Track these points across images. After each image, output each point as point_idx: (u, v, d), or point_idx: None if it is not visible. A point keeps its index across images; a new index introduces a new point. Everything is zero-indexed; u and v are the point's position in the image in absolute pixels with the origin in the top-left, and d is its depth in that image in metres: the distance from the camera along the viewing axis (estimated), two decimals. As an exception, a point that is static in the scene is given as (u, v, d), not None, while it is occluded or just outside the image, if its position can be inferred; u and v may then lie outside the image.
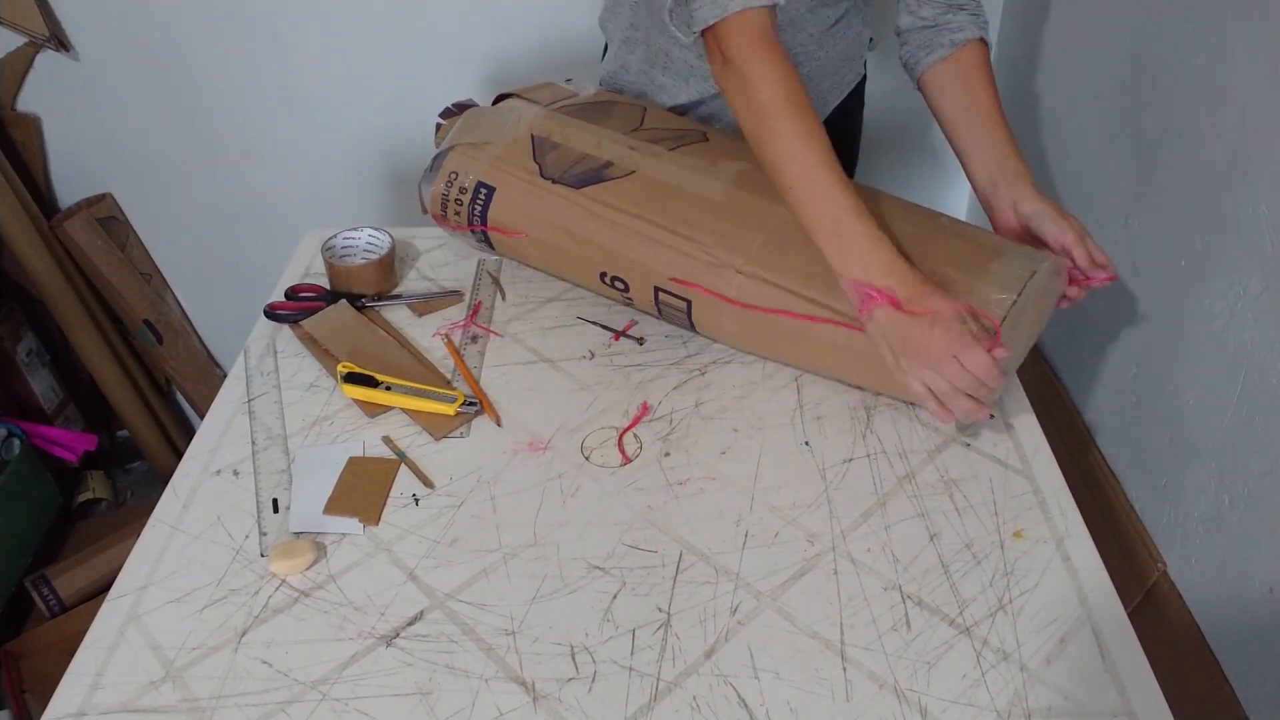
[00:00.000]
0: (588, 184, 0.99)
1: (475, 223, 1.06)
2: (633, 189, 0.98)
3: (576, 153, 1.02)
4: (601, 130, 1.04)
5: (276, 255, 1.25)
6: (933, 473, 0.86)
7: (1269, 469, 0.95)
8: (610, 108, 1.10)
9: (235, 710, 0.69)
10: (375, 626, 0.74)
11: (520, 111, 1.09)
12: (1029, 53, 1.54)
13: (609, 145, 1.02)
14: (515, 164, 1.04)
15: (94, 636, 0.74)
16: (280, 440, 0.92)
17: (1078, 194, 1.39)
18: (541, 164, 1.02)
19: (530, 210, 1.02)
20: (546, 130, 1.05)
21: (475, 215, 1.06)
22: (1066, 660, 0.70)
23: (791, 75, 0.87)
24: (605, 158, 1.01)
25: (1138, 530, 1.19)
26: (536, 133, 1.05)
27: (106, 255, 1.77)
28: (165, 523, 0.84)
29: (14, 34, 1.57)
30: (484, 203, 1.04)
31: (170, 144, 1.74)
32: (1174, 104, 1.11)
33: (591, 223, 0.99)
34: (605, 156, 1.01)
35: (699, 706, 0.68)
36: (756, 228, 0.92)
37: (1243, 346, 0.98)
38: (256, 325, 1.07)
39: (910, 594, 0.76)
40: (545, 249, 1.05)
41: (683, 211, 0.95)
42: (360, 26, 1.60)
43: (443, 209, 1.08)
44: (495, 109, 1.12)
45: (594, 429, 0.92)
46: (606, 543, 0.80)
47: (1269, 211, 0.94)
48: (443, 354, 1.02)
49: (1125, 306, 1.24)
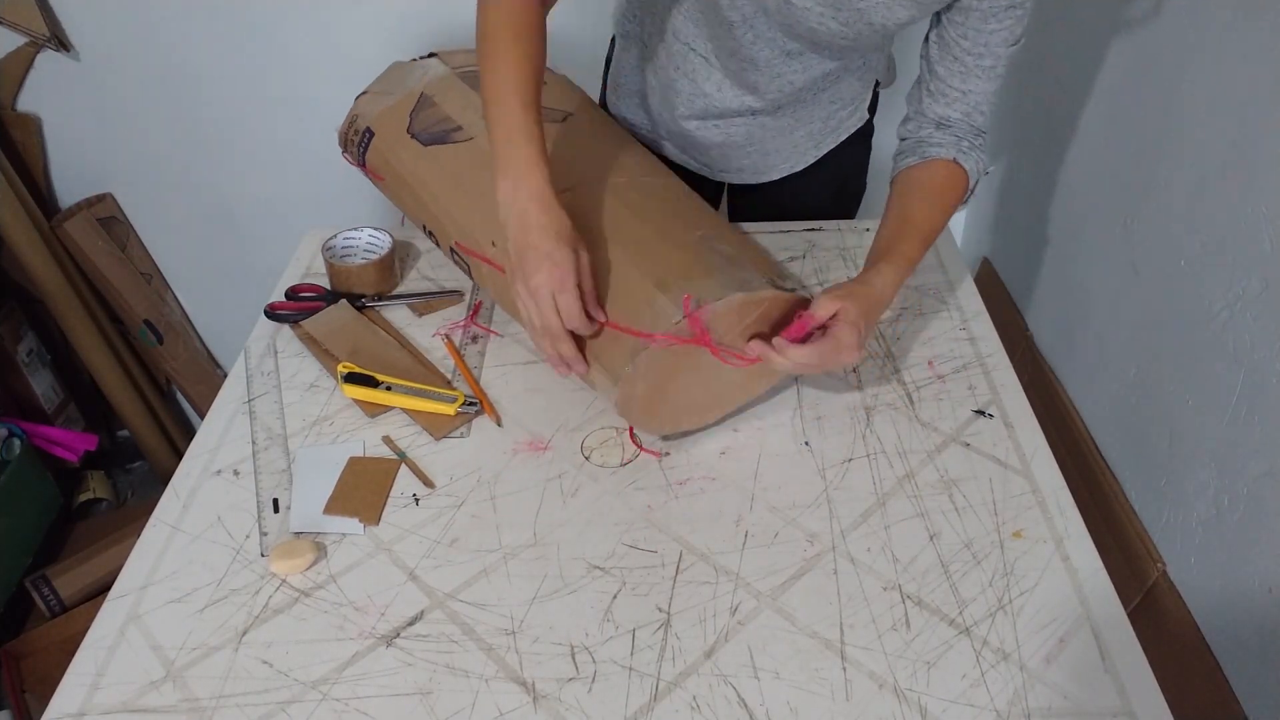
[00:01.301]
0: (434, 143, 1.03)
1: (359, 163, 1.12)
2: (461, 154, 1.01)
3: (442, 113, 1.05)
4: (471, 95, 1.07)
5: (276, 255, 1.25)
6: (932, 473, 0.86)
7: (1269, 469, 0.95)
8: None
9: (235, 710, 0.69)
10: (375, 626, 0.74)
11: (428, 70, 1.13)
12: (1029, 53, 1.54)
13: (470, 113, 1.05)
14: (396, 115, 1.07)
15: (94, 636, 0.74)
16: (280, 440, 0.92)
17: (1078, 194, 1.39)
18: (413, 119, 1.06)
19: (389, 158, 1.07)
20: (434, 90, 1.09)
21: (360, 156, 1.11)
22: (1066, 660, 0.70)
23: (525, 9, 0.86)
24: (459, 122, 1.04)
25: (1137, 530, 1.19)
26: (426, 91, 1.08)
27: (106, 255, 1.77)
28: (165, 523, 0.84)
29: (14, 34, 1.57)
30: (365, 146, 1.09)
31: (170, 144, 1.74)
32: (1174, 104, 1.11)
33: (424, 178, 1.03)
34: (459, 121, 1.04)
35: (699, 706, 0.68)
36: None
37: (1243, 346, 0.99)
38: (257, 325, 1.07)
39: (910, 594, 0.76)
40: (397, 196, 1.10)
41: (482, 182, 0.97)
42: (360, 26, 1.60)
43: (344, 146, 1.14)
44: (411, 64, 1.15)
45: (594, 429, 0.92)
46: (606, 543, 0.80)
47: (1269, 211, 0.94)
48: (443, 354, 1.02)
49: (1125, 306, 1.24)
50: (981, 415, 0.92)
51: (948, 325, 1.04)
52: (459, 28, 1.61)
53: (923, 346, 1.01)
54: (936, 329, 1.04)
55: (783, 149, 1.15)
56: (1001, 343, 1.02)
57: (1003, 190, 1.71)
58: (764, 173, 1.18)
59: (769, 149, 1.14)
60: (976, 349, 1.01)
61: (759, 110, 1.06)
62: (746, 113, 1.07)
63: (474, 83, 1.10)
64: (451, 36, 1.62)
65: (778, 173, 1.19)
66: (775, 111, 1.07)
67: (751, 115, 1.07)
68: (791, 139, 1.13)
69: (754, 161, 1.16)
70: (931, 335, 1.03)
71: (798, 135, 1.13)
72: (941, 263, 1.14)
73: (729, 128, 1.09)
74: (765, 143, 1.12)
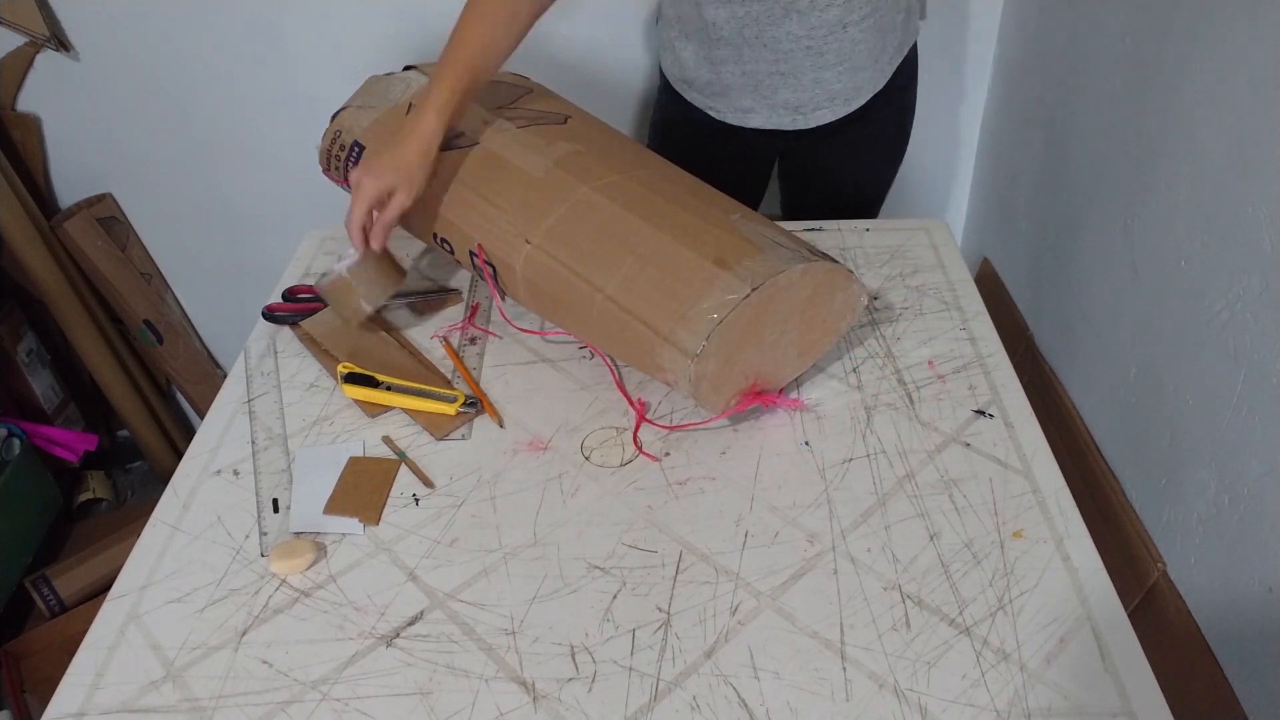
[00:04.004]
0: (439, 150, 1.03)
1: (344, 179, 1.10)
2: (468, 159, 1.02)
3: None
4: (473, 106, 1.07)
5: (276, 255, 1.25)
6: (932, 473, 0.86)
7: (1269, 469, 0.95)
8: (498, 86, 1.14)
9: (235, 710, 0.69)
10: (375, 626, 0.74)
11: (410, 82, 1.12)
12: (1029, 53, 1.54)
13: (470, 119, 1.05)
14: (387, 127, 1.07)
15: (94, 636, 0.75)
16: (280, 440, 0.92)
17: (1078, 194, 1.39)
18: None
19: None
20: None
21: (346, 172, 1.10)
22: (1066, 660, 0.70)
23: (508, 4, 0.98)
24: (460, 129, 1.04)
25: (1138, 530, 1.19)
26: (415, 101, 1.08)
27: (106, 255, 1.77)
28: (165, 523, 0.84)
29: (14, 34, 1.57)
30: (355, 160, 1.08)
31: (170, 144, 1.74)
32: (1174, 104, 1.11)
33: (429, 187, 1.02)
34: (460, 127, 1.04)
35: (699, 706, 0.68)
36: (558, 203, 0.95)
37: (1243, 346, 0.99)
38: (257, 325, 1.07)
39: (910, 594, 0.76)
40: None
41: (500, 183, 0.98)
42: (361, 27, 1.60)
43: (327, 163, 1.12)
44: (392, 77, 1.15)
45: (594, 429, 0.92)
46: (606, 543, 0.80)
47: (1269, 211, 0.94)
48: (443, 353, 1.02)
49: (1125, 306, 1.24)
50: (982, 415, 0.92)
51: (948, 325, 1.04)
52: (459, 28, 1.61)
53: (923, 346, 1.01)
54: (936, 329, 1.04)
55: (868, 50, 1.18)
56: (1001, 343, 1.02)
57: (1003, 190, 1.71)
58: (853, 98, 1.22)
59: (853, 52, 1.17)
60: (976, 349, 1.01)
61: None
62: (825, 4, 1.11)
63: None
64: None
65: (863, 95, 1.22)
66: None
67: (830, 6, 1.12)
68: (875, 35, 1.17)
69: (843, 82, 1.20)
70: (931, 335, 1.03)
71: (877, 26, 1.17)
72: (941, 263, 1.14)
73: (814, 19, 1.13)
74: (847, 45, 1.16)
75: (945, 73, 1.71)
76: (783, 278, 0.84)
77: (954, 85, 1.73)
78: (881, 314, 1.05)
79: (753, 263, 0.85)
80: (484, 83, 0.99)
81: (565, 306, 0.94)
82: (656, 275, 0.87)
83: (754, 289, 0.82)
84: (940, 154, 1.81)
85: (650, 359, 0.88)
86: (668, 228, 0.89)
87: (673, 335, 0.84)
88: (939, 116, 1.76)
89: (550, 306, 0.96)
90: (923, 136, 1.77)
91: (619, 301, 0.88)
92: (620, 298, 0.88)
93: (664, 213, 0.92)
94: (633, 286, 0.88)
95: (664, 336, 0.85)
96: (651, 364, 0.88)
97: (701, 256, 0.86)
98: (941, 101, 1.74)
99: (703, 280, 0.84)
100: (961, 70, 1.71)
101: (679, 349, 0.84)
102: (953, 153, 1.82)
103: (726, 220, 0.92)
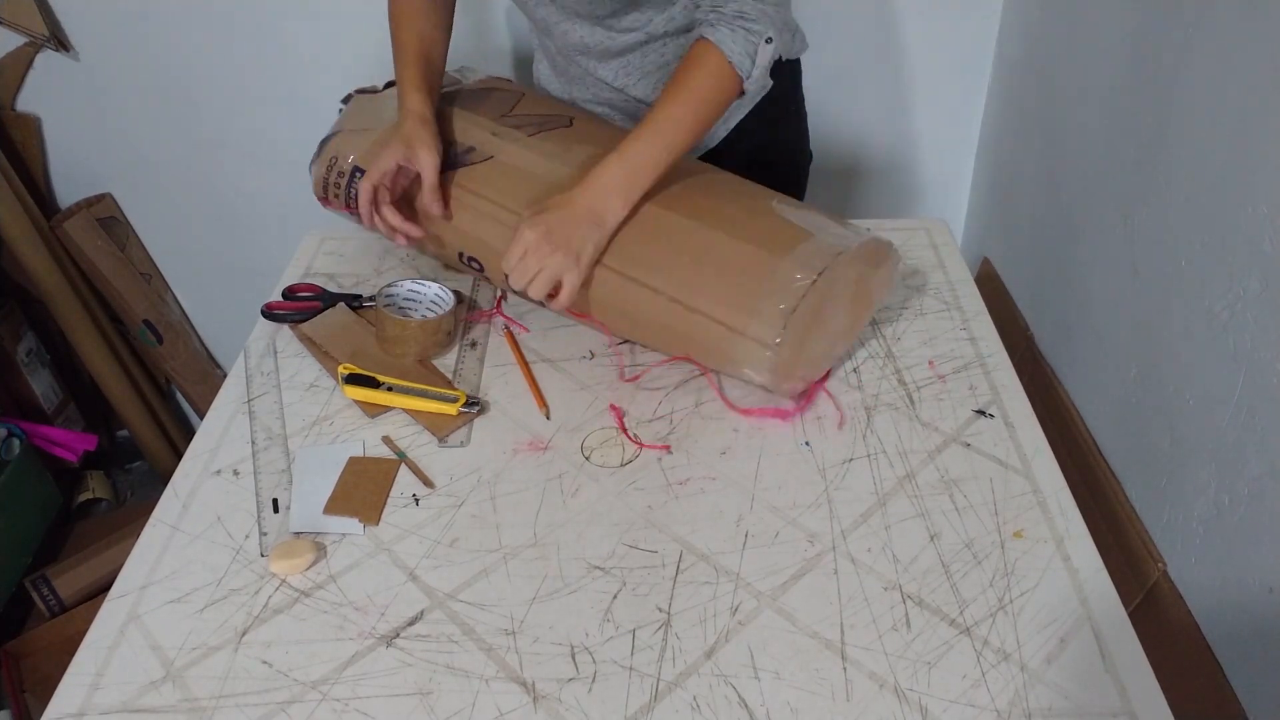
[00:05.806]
0: (450, 168, 1.02)
1: (350, 204, 1.08)
2: (490, 173, 1.01)
3: (447, 137, 1.05)
4: (471, 116, 1.07)
5: (276, 255, 1.25)
6: (933, 473, 0.86)
7: (1269, 469, 0.95)
8: (487, 94, 1.13)
9: (235, 710, 0.69)
10: (375, 626, 0.74)
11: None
12: (1029, 53, 1.54)
13: (474, 131, 1.05)
14: None
15: (94, 636, 0.74)
16: (280, 440, 0.92)
17: (1078, 194, 1.39)
18: None
19: (396, 192, 1.04)
20: None
21: (351, 197, 1.07)
22: (1066, 660, 0.70)
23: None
24: (469, 143, 1.04)
25: (1138, 530, 1.19)
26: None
27: (106, 255, 1.77)
28: (165, 523, 0.84)
29: (14, 34, 1.57)
30: (356, 185, 1.06)
31: (170, 144, 1.74)
32: (1174, 104, 1.11)
33: (451, 205, 1.02)
34: (469, 142, 1.04)
35: (699, 706, 0.68)
36: None
37: (1243, 346, 0.99)
38: (256, 325, 1.07)
39: (910, 594, 0.75)
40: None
41: (529, 195, 0.97)
42: (361, 27, 1.60)
43: (324, 191, 1.11)
44: (381, 95, 1.14)
45: (594, 429, 0.92)
46: (606, 543, 0.80)
47: (1269, 211, 0.94)
48: (443, 354, 1.02)
49: (1125, 306, 1.24)
50: (982, 415, 0.92)
51: (948, 325, 1.04)
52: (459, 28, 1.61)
53: (923, 346, 1.01)
54: (936, 329, 1.04)
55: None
56: (1001, 343, 1.02)
57: (1003, 190, 1.71)
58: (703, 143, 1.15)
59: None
60: (977, 349, 1.01)
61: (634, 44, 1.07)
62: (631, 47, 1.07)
63: (462, 102, 1.10)
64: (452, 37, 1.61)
65: (713, 140, 1.16)
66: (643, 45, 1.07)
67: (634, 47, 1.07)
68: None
69: None
70: (932, 335, 1.03)
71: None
72: (941, 262, 1.14)
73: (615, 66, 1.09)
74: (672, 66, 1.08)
75: (945, 73, 1.71)
76: (843, 258, 0.87)
77: (954, 85, 1.73)
78: (882, 314, 1.05)
79: (809, 246, 0.88)
80: (440, 65, 1.06)
81: (619, 312, 0.95)
82: (715, 272, 0.89)
83: (819, 274, 0.85)
84: (940, 154, 1.81)
85: (723, 354, 0.90)
86: (717, 223, 0.91)
87: (747, 329, 0.86)
88: (939, 116, 1.76)
89: (603, 312, 0.96)
90: (923, 136, 1.78)
91: (684, 302, 0.89)
92: (684, 298, 0.89)
93: (708, 208, 0.93)
94: (694, 285, 0.89)
95: (738, 330, 0.87)
96: (724, 358, 0.90)
97: (759, 247, 0.88)
98: (941, 101, 1.74)
99: (766, 271, 0.87)
100: (961, 70, 1.71)
101: (756, 341, 0.86)
102: (953, 153, 1.82)
103: (770, 207, 0.94)
